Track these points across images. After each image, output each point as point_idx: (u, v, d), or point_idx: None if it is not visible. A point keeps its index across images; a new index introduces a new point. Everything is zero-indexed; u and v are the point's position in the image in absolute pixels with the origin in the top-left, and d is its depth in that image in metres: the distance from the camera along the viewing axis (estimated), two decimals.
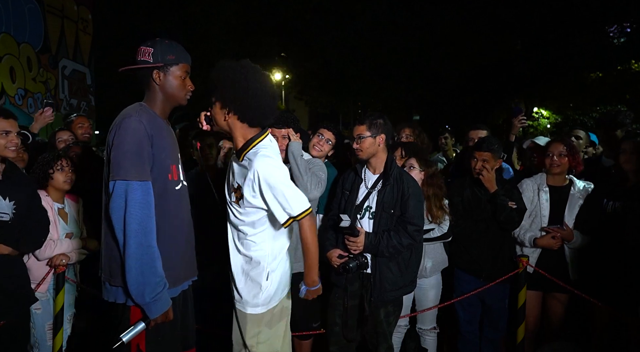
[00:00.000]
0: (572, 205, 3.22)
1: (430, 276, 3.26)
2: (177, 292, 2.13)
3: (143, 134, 1.94)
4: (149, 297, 1.89)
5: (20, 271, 2.62)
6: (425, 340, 3.35)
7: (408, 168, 3.19)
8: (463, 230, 3.27)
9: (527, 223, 3.26)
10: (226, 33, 14.76)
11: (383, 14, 13.20)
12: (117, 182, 1.89)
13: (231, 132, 2.23)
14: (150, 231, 1.92)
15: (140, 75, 2.10)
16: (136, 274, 1.88)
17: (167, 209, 2.04)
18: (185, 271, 2.18)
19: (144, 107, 2.07)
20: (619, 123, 3.68)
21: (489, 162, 3.16)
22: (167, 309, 1.96)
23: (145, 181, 1.92)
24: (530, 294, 3.22)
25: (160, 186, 2.02)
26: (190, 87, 2.14)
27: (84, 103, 7.98)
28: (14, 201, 2.54)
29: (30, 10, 6.57)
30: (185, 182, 2.21)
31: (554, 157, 3.21)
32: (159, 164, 2.01)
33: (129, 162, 1.90)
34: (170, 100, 2.13)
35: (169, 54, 2.06)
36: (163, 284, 1.94)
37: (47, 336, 2.95)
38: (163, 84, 2.08)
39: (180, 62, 2.09)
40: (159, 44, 2.07)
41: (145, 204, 1.91)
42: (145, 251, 1.89)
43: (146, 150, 1.95)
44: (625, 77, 14.68)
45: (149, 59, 2.05)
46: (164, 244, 1.99)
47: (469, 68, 13.93)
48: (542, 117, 20.04)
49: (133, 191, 1.88)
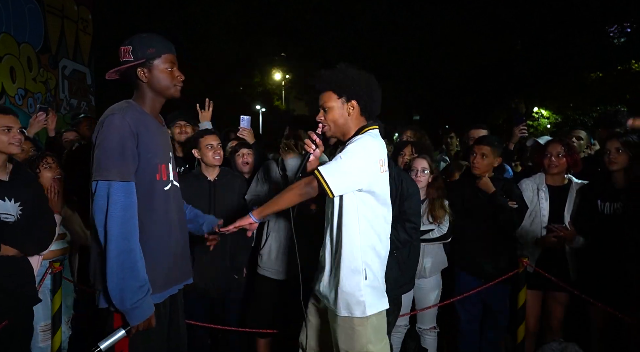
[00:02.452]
0: (571, 204, 3.22)
1: (430, 276, 3.26)
2: (164, 297, 2.00)
3: (127, 131, 1.85)
4: (129, 303, 1.79)
5: (23, 270, 2.60)
6: (425, 340, 3.35)
7: (419, 170, 3.19)
8: (463, 230, 3.27)
9: (527, 223, 3.26)
10: (226, 33, 14.78)
11: (383, 14, 13.21)
12: (99, 182, 1.81)
13: (345, 131, 2.19)
14: (132, 235, 1.82)
15: (126, 76, 2.01)
16: (117, 279, 1.79)
17: (154, 210, 1.95)
18: (174, 274, 2.06)
19: (130, 105, 1.97)
20: (618, 123, 3.69)
21: (487, 157, 3.17)
22: (149, 316, 1.85)
23: (128, 181, 1.83)
24: (530, 294, 3.22)
25: (147, 186, 1.92)
26: (179, 78, 2.03)
27: (84, 103, 7.98)
28: (19, 202, 2.51)
29: (30, 10, 6.57)
30: (176, 182, 2.11)
31: (552, 158, 3.22)
32: (145, 163, 1.91)
33: (111, 161, 1.81)
34: (160, 95, 2.03)
35: (149, 48, 1.95)
36: (145, 290, 1.84)
37: (40, 338, 2.91)
38: (150, 80, 1.98)
39: (162, 54, 1.97)
40: (137, 40, 1.97)
41: (127, 206, 1.81)
42: (126, 256, 1.80)
43: (129, 149, 1.85)
44: (625, 77, 14.69)
45: (130, 58, 1.96)
46: (149, 246, 1.90)
47: (469, 68, 13.94)
48: (542, 117, 20.04)
49: (115, 192, 1.80)
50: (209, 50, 14.19)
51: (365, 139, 2.10)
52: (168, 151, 2.09)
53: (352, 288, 2.11)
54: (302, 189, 2.07)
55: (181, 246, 2.11)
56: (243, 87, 20.78)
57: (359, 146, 2.07)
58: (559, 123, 18.84)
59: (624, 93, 15.07)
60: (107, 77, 2.07)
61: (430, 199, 3.19)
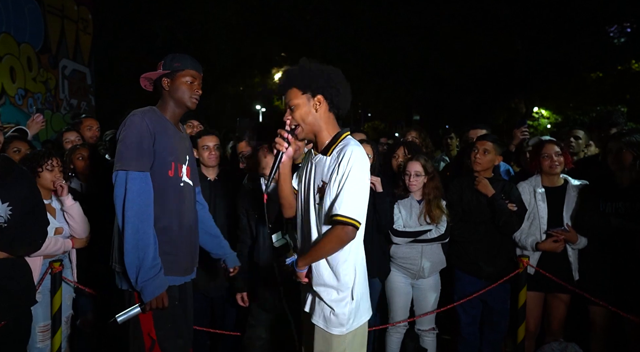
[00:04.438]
0: (569, 205, 3.21)
1: (429, 277, 3.26)
2: (183, 280, 2.27)
3: (144, 129, 2.11)
4: (141, 279, 2.01)
5: (20, 271, 2.56)
6: (424, 341, 3.34)
7: (412, 174, 3.18)
8: (463, 232, 3.27)
9: (526, 226, 3.25)
10: (226, 33, 14.77)
11: (383, 14, 13.21)
12: (119, 172, 2.06)
13: (319, 128, 2.07)
14: (148, 218, 2.06)
15: (155, 85, 2.33)
16: (132, 258, 2.01)
17: (166, 203, 2.17)
18: (188, 264, 2.31)
19: (152, 109, 2.25)
20: (614, 122, 3.68)
21: (490, 153, 3.17)
22: (160, 293, 2.05)
23: (144, 171, 2.08)
24: (532, 295, 3.22)
25: (160, 181, 2.15)
26: (196, 91, 2.28)
27: (84, 103, 7.98)
28: (8, 202, 2.39)
29: (30, 10, 6.57)
30: (192, 183, 2.33)
31: (553, 157, 3.20)
32: (160, 160, 2.16)
33: (129, 154, 2.07)
34: (177, 104, 2.28)
35: (176, 62, 2.26)
36: (157, 269, 2.05)
37: (38, 338, 2.88)
38: (170, 89, 2.26)
39: (186, 68, 2.25)
40: (170, 56, 2.29)
41: (143, 193, 2.06)
42: (140, 236, 2.02)
43: (146, 144, 2.11)
44: (625, 77, 14.70)
45: (160, 69, 2.28)
46: (163, 234, 2.13)
47: (469, 68, 13.95)
48: (542, 117, 20.05)
49: (132, 180, 2.04)
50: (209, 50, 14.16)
51: (356, 154, 1.97)
52: (185, 154, 2.32)
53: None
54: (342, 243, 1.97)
55: (192, 240, 2.35)
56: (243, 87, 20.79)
57: (357, 168, 1.95)
58: (559, 123, 18.85)
59: (624, 93, 15.09)
60: (141, 84, 2.37)
61: (427, 200, 3.19)
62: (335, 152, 2.03)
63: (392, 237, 3.21)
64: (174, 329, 2.18)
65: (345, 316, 2.01)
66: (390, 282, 3.29)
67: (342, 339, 2.02)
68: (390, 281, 3.29)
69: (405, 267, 3.24)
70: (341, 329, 2.01)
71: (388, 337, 3.34)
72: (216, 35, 14.64)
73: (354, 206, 1.93)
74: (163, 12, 13.30)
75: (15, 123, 4.15)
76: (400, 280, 3.28)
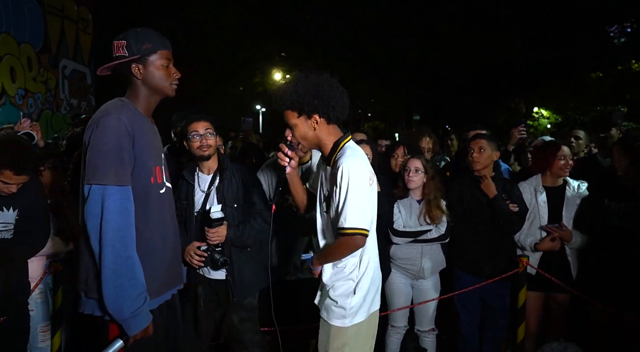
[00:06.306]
0: (569, 205, 3.22)
1: (429, 277, 3.26)
2: (159, 302, 1.93)
3: (123, 132, 1.76)
4: (127, 312, 1.71)
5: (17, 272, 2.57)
6: (424, 341, 3.34)
7: (412, 170, 3.19)
8: (463, 232, 3.26)
9: (526, 226, 3.25)
10: (226, 33, 14.79)
11: (383, 14, 13.21)
12: (93, 186, 1.71)
13: (320, 141, 2.11)
14: (130, 241, 1.74)
15: (120, 72, 1.91)
16: (113, 288, 1.70)
17: (149, 214, 1.86)
18: (169, 279, 2.00)
19: (125, 103, 1.88)
20: (613, 122, 3.70)
21: (485, 150, 3.17)
22: (147, 324, 1.77)
23: (125, 185, 1.74)
24: (532, 296, 3.22)
25: (142, 190, 1.83)
26: (175, 75, 1.95)
27: (84, 103, 7.99)
28: (18, 209, 2.43)
29: (30, 10, 6.57)
30: (169, 184, 2.02)
31: (568, 159, 3.21)
32: (141, 166, 1.83)
33: (107, 164, 1.72)
34: (155, 93, 1.94)
35: (144, 43, 1.87)
36: (144, 298, 1.76)
37: (40, 338, 2.90)
38: (145, 77, 1.89)
39: (159, 50, 1.90)
40: (132, 35, 1.88)
41: (123, 211, 1.73)
42: (123, 263, 1.71)
43: (127, 151, 1.76)
44: (625, 77, 14.71)
45: (124, 53, 1.87)
46: (145, 253, 1.82)
47: (469, 68, 13.95)
48: (542, 117, 20.06)
49: (110, 197, 1.70)
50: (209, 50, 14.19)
51: (348, 165, 1.97)
52: (160, 152, 2.01)
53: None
54: (353, 250, 2.04)
55: (175, 250, 2.06)
56: (243, 87, 20.80)
57: (353, 178, 1.96)
58: (559, 123, 18.87)
59: (624, 93, 15.11)
60: (98, 72, 1.99)
61: (426, 200, 3.19)
62: (334, 162, 2.08)
63: (392, 237, 3.21)
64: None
65: (347, 309, 2.05)
66: (390, 283, 3.29)
67: (342, 332, 2.06)
68: (390, 282, 3.29)
69: (406, 268, 3.24)
70: (343, 321, 2.06)
71: (388, 338, 3.34)
72: (216, 35, 14.66)
73: (359, 217, 1.98)
74: (163, 12, 13.30)
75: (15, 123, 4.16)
76: (401, 281, 3.28)
